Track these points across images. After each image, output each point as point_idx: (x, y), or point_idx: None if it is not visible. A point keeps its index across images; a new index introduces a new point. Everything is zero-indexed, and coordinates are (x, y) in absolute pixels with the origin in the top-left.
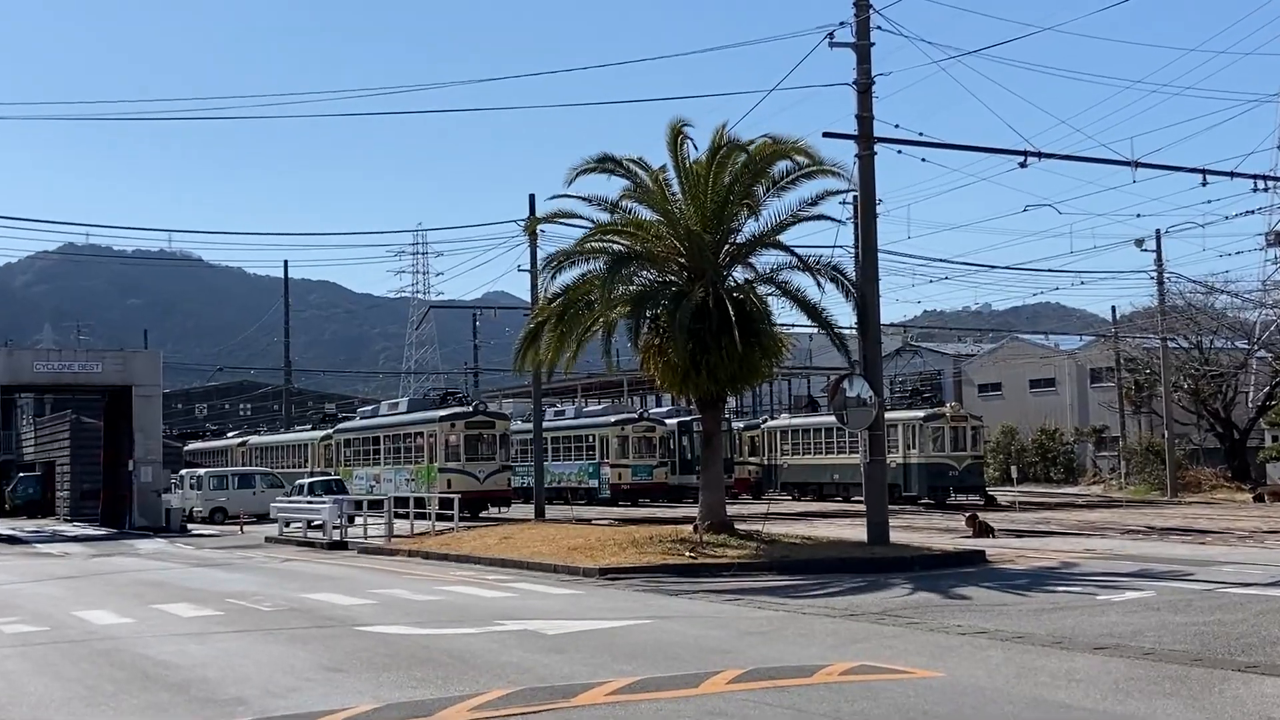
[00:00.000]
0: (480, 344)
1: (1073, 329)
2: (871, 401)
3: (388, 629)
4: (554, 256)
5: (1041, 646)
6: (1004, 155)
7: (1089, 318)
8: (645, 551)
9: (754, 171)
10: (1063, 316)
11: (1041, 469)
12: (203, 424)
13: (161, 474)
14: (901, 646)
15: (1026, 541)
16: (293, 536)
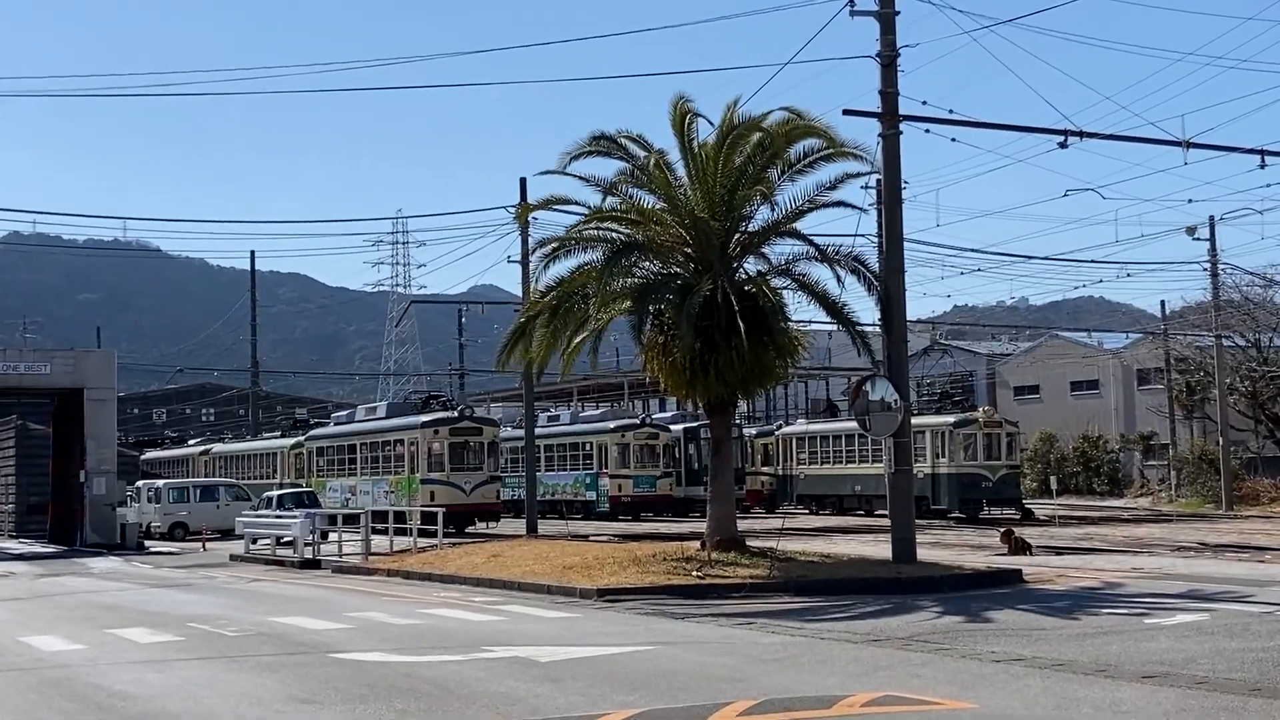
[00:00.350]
0: (466, 342)
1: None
2: (897, 405)
3: (365, 656)
4: (546, 243)
5: (1084, 675)
6: (1042, 135)
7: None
8: (648, 571)
9: (768, 153)
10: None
11: (1084, 480)
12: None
13: (116, 485)
14: (930, 675)
15: (1067, 559)
16: (260, 554)
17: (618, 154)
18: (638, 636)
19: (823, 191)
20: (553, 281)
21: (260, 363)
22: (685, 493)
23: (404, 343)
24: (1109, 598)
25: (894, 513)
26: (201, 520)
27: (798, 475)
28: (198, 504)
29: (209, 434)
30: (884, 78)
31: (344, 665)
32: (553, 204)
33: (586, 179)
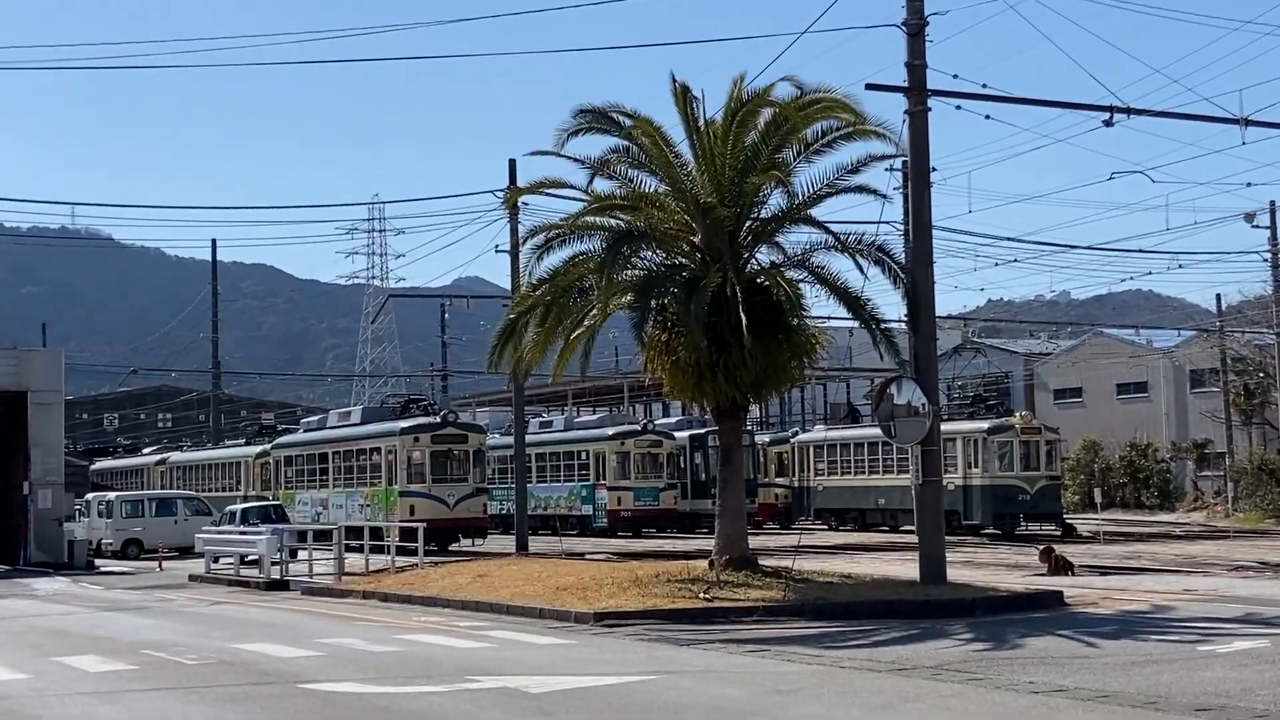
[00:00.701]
0: (450, 340)
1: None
2: (925, 410)
3: (337, 687)
4: (539, 232)
5: (1131, 708)
6: (1085, 111)
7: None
8: (650, 592)
9: (782, 132)
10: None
11: (1131, 492)
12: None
13: (64, 499)
14: (961, 707)
15: (1113, 580)
16: (223, 574)
17: (616, 133)
18: (639, 665)
19: (843, 174)
20: (546, 273)
21: (222, 363)
22: (691, 506)
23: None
24: (1159, 622)
25: (921, 529)
26: (157, 537)
27: (815, 487)
28: (153, 519)
29: (166, 442)
30: (910, 48)
31: (314, 697)
32: (545, 187)
33: (583, 161)
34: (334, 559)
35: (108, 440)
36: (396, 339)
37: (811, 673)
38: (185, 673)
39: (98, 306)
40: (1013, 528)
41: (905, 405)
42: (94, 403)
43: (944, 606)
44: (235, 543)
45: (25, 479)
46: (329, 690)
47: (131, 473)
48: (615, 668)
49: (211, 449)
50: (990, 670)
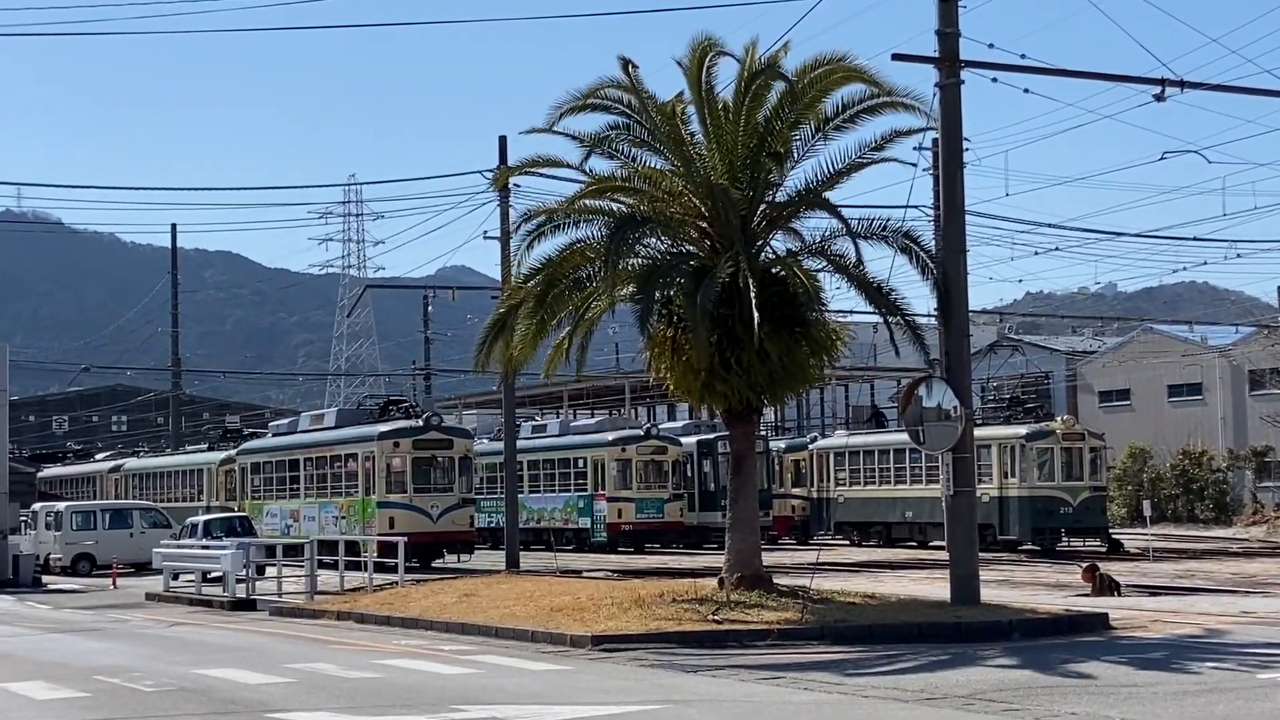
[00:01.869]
0: (433, 336)
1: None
2: (957, 414)
3: (309, 717)
4: (533, 216)
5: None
6: (1134, 85)
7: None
8: (654, 613)
9: (799, 106)
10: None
11: (1183, 504)
12: (63, 442)
13: (7, 509)
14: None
15: (1163, 601)
16: (183, 592)
17: (618, 109)
18: (641, 694)
19: (866, 152)
20: (539, 262)
21: (183, 360)
22: (699, 519)
23: (357, 336)
24: (1214, 648)
25: (952, 544)
26: (111, 551)
27: (836, 498)
28: (107, 531)
29: (121, 447)
30: (942, 14)
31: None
32: (539, 166)
33: (581, 138)
34: (306, 576)
35: (57, 445)
36: (374, 334)
37: (831, 702)
38: (142, 701)
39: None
40: (1053, 543)
41: (935, 408)
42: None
43: (977, 630)
44: (197, 558)
45: None
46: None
47: (83, 481)
48: (615, 697)
49: (171, 455)
50: (1028, 700)
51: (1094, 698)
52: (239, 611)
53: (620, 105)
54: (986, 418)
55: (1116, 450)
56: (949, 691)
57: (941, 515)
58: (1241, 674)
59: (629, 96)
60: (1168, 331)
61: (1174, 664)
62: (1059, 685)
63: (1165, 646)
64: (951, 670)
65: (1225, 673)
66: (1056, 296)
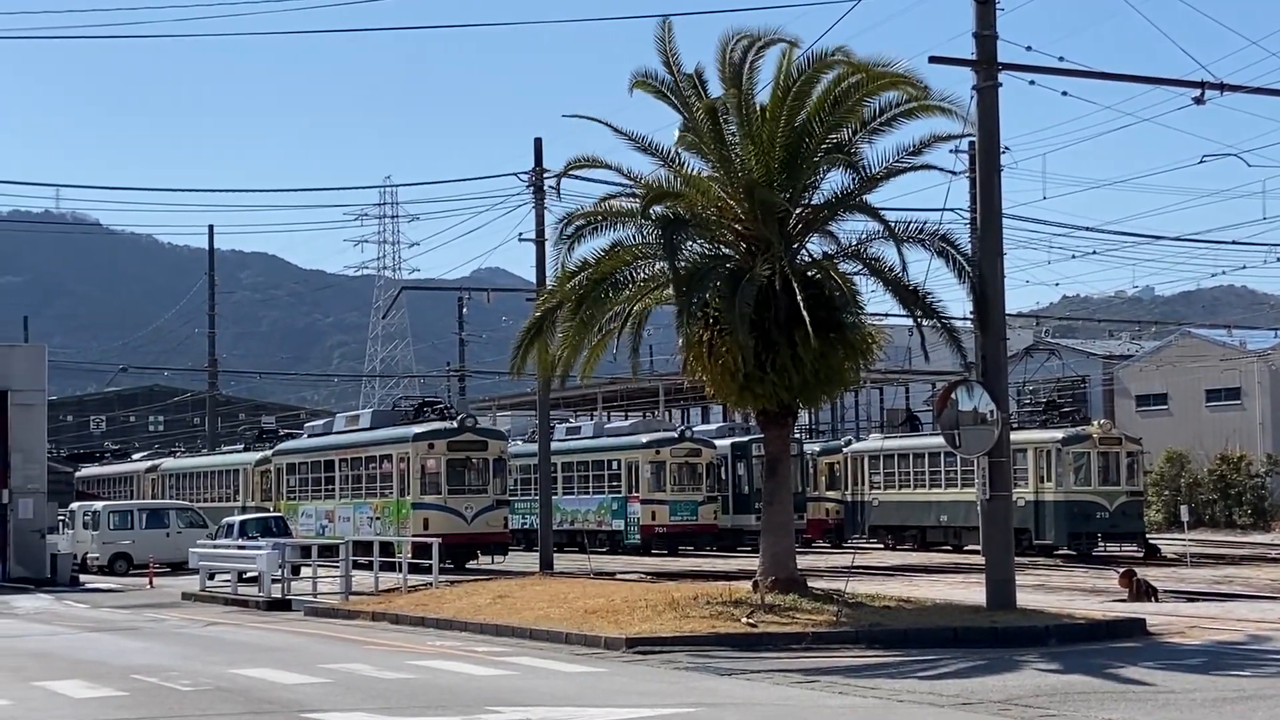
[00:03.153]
0: (468, 337)
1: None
2: (993, 417)
3: (345, 717)
4: (571, 221)
5: None
6: (1173, 88)
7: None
8: (688, 616)
9: (838, 110)
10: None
11: (1221, 510)
12: (101, 442)
13: (46, 508)
14: None
15: (1201, 607)
16: (219, 592)
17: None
18: (675, 697)
19: (904, 156)
20: (579, 264)
21: (219, 361)
22: (733, 522)
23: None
24: (1254, 655)
25: (988, 549)
26: (148, 551)
27: (870, 502)
28: (144, 531)
29: (157, 447)
30: (979, 17)
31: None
32: (579, 167)
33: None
34: (340, 576)
35: (94, 445)
36: (409, 336)
37: (866, 706)
38: (178, 700)
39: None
40: (1089, 548)
41: (971, 412)
42: (80, 403)
43: (1013, 635)
44: (233, 558)
45: (4, 487)
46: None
47: (120, 480)
48: (649, 699)
49: (207, 455)
50: (1065, 706)
51: (1131, 704)
52: (274, 611)
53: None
54: (1022, 421)
55: (1154, 455)
56: (985, 697)
57: (976, 519)
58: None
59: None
60: (1206, 335)
61: (1212, 670)
62: (1096, 691)
63: (1203, 653)
64: (988, 675)
65: (1265, 680)
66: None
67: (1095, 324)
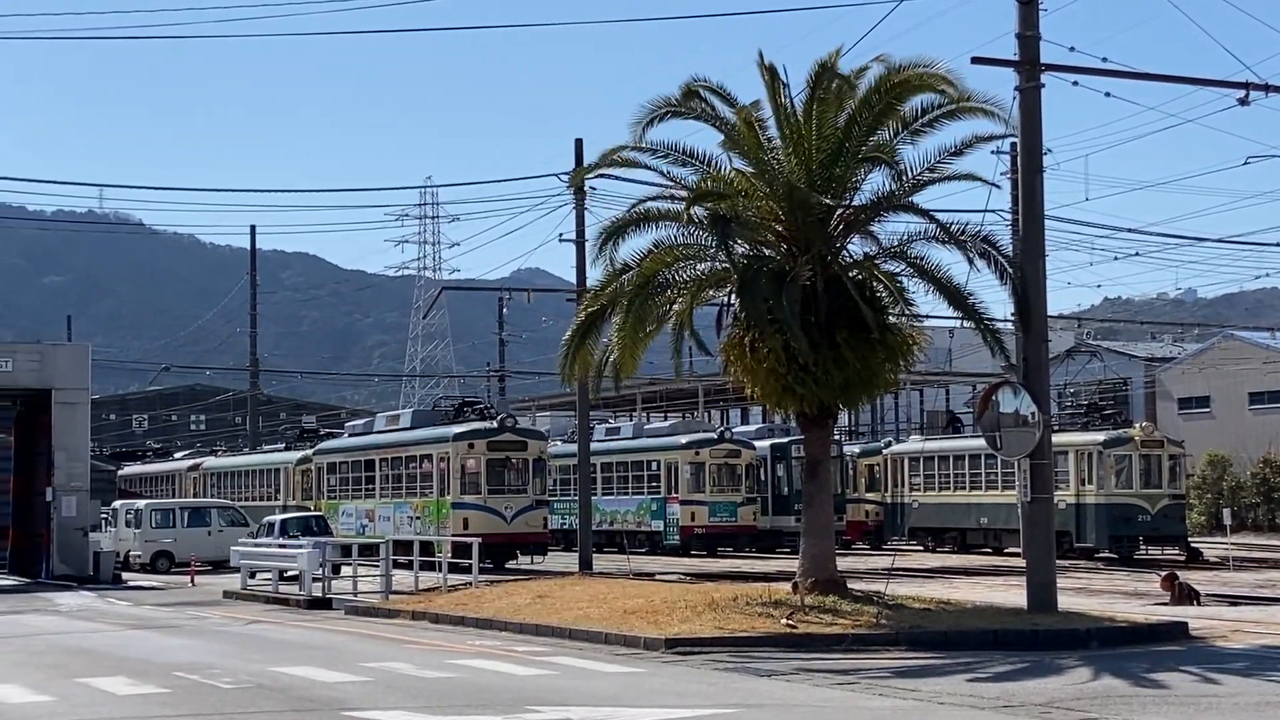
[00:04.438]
0: (508, 338)
1: None
2: (1034, 420)
3: (385, 715)
4: (615, 224)
5: None
6: (1218, 89)
7: None
8: (727, 617)
9: (876, 111)
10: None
11: (1264, 513)
12: (143, 441)
13: (89, 506)
14: None
15: (1244, 611)
16: (260, 591)
17: (696, 113)
18: (715, 697)
19: (945, 157)
20: (622, 265)
21: (261, 360)
22: (772, 523)
23: (433, 338)
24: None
25: (1029, 551)
26: (190, 549)
27: (910, 504)
28: (185, 529)
29: (199, 446)
30: (1022, 18)
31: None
32: (617, 165)
33: (663, 151)
34: (381, 576)
35: (136, 443)
36: (449, 336)
37: (906, 709)
38: (220, 697)
39: (127, 298)
40: (1131, 551)
41: (1013, 414)
42: (122, 402)
43: (1054, 637)
44: (274, 556)
45: (48, 484)
46: (375, 719)
47: (162, 479)
48: (688, 700)
49: (248, 454)
50: (1106, 709)
51: (1173, 708)
52: (315, 610)
53: (700, 108)
54: (1064, 424)
55: (1196, 458)
56: (1026, 700)
57: (1017, 521)
58: None
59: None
60: (1249, 338)
61: (1255, 674)
62: (1138, 695)
63: (1246, 657)
64: (1028, 678)
65: None
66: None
67: (1137, 326)
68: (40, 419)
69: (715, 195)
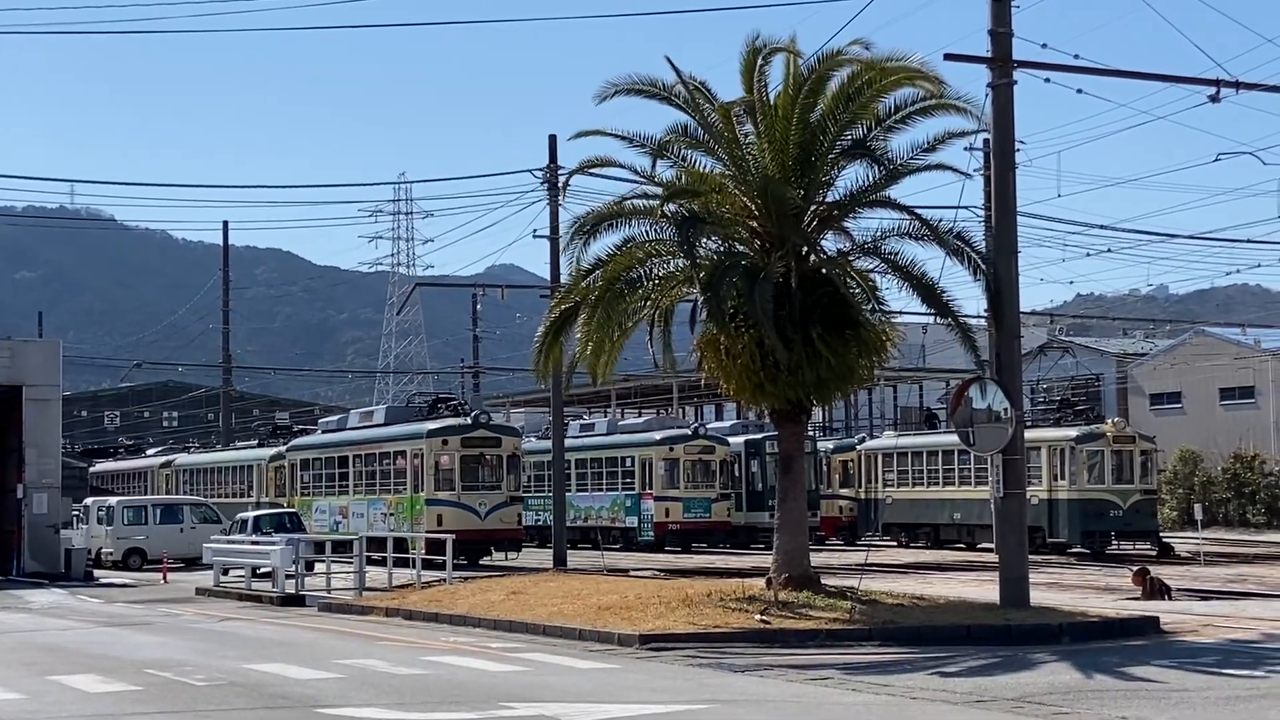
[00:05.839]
0: (482, 334)
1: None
2: (1007, 415)
3: (359, 712)
4: (587, 220)
5: None
6: (1189, 86)
7: None
8: (701, 613)
9: (852, 106)
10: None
11: (1235, 509)
12: (115, 438)
13: (60, 503)
14: None
15: (1215, 606)
16: (233, 588)
17: (671, 100)
18: (689, 693)
19: (919, 153)
20: (593, 261)
21: (234, 357)
22: (746, 519)
23: (406, 334)
24: (1268, 653)
25: (1002, 546)
26: (162, 546)
27: (884, 499)
28: (158, 526)
29: (171, 442)
30: (995, 14)
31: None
32: (592, 166)
33: (632, 139)
34: (354, 572)
35: (108, 440)
36: (423, 332)
37: (879, 704)
38: (193, 695)
39: (98, 294)
40: (1103, 546)
41: (985, 410)
42: (94, 399)
43: (1027, 632)
44: (247, 554)
45: (19, 481)
46: (349, 716)
47: (134, 476)
48: (662, 696)
49: (221, 451)
50: (1078, 704)
51: (1145, 702)
52: (288, 607)
53: (676, 99)
54: (1036, 420)
55: (1167, 453)
56: (998, 694)
57: (990, 517)
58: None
59: (684, 90)
60: (1220, 334)
61: (1226, 669)
62: (1110, 689)
63: (1217, 651)
64: (1001, 673)
65: (1278, 678)
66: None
67: (1109, 322)
68: (11, 415)
69: (690, 193)
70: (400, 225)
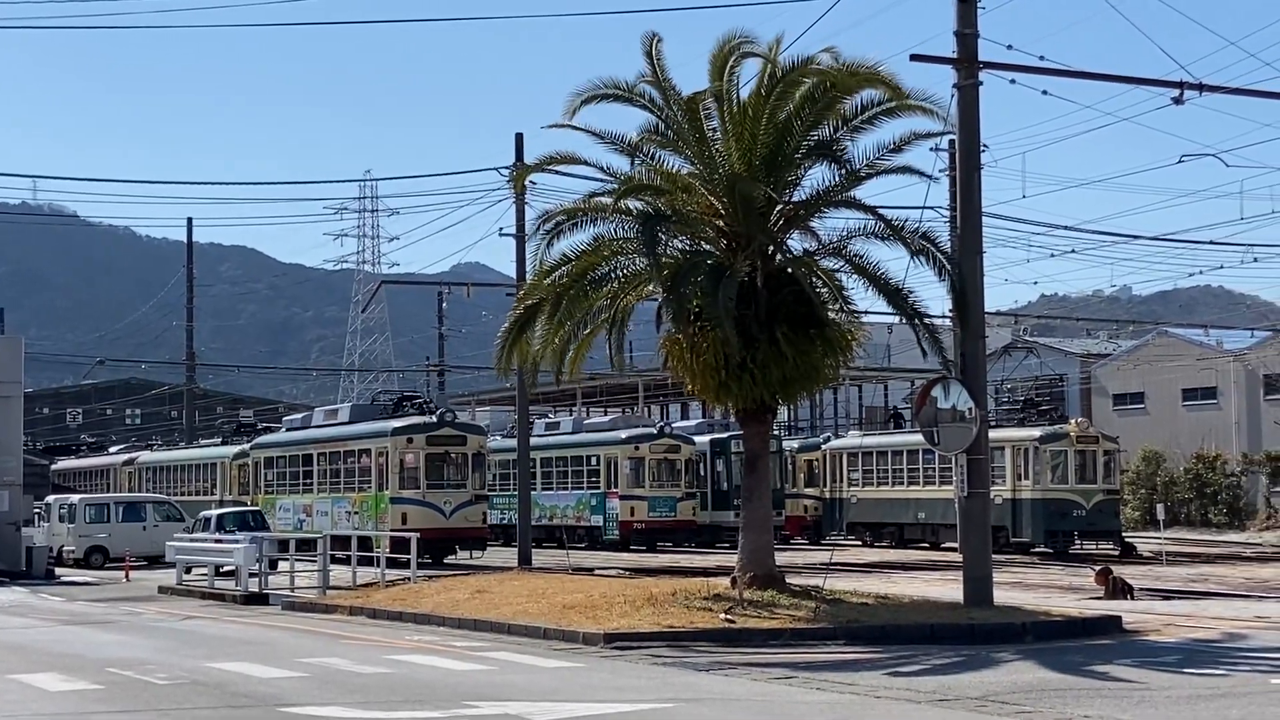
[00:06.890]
0: (447, 332)
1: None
2: (971, 415)
3: (322, 711)
4: (551, 216)
5: None
6: (1153, 88)
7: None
8: (666, 612)
9: (819, 106)
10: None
11: (1197, 509)
12: (77, 435)
13: (22, 501)
14: None
15: (1177, 605)
16: (196, 586)
17: (639, 102)
18: (653, 692)
19: (885, 154)
20: (557, 260)
21: (197, 354)
22: (711, 518)
23: (371, 332)
24: (1228, 652)
25: (966, 546)
26: (124, 544)
27: (849, 499)
28: (120, 524)
29: (134, 440)
30: (961, 15)
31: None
32: (557, 163)
33: (601, 135)
34: (318, 571)
35: (71, 438)
36: (389, 330)
37: (843, 702)
38: (154, 694)
39: (61, 290)
40: (1066, 546)
41: (950, 409)
42: (56, 396)
43: (990, 632)
44: (210, 552)
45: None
46: (312, 715)
47: (97, 474)
48: (627, 694)
49: (184, 449)
50: (1041, 703)
51: (1107, 700)
52: (251, 606)
53: (643, 99)
54: (1000, 420)
55: (1130, 453)
56: (962, 693)
57: (954, 516)
58: (1256, 678)
59: (652, 90)
60: (1183, 335)
61: (1187, 667)
62: (1072, 688)
63: (1179, 650)
64: (964, 672)
65: (1240, 676)
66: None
67: (1073, 323)
68: None
69: (652, 189)
70: (366, 223)
